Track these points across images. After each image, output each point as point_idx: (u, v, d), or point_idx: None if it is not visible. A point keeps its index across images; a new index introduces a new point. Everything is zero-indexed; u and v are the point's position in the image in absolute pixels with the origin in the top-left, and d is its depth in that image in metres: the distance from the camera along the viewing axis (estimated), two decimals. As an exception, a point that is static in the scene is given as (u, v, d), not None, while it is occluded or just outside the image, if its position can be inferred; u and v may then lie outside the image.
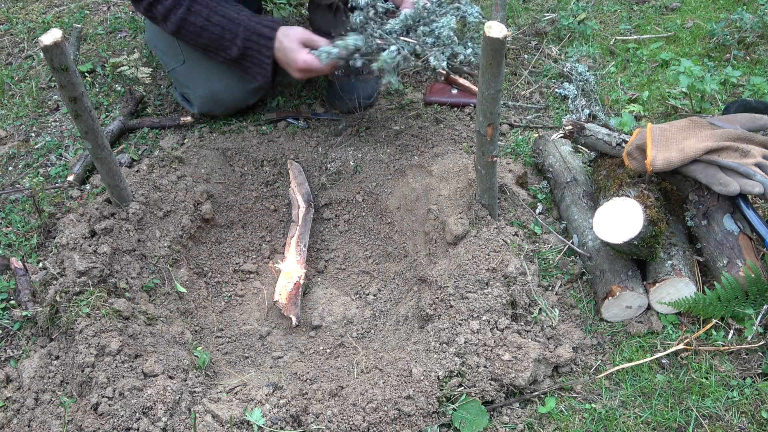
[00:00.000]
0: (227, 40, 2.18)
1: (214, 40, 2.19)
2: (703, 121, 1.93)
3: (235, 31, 2.18)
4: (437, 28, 2.10)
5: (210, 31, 2.17)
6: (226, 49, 2.20)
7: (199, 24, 2.17)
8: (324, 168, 2.46)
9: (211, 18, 2.17)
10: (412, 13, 2.13)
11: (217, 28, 2.17)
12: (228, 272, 2.26)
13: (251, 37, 2.18)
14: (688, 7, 3.12)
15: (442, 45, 2.09)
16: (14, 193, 2.35)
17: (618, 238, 1.79)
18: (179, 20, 2.16)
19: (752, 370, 1.71)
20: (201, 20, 2.16)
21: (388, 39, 2.12)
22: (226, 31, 2.18)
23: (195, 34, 2.19)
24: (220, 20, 2.17)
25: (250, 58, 2.22)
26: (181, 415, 1.59)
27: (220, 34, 2.18)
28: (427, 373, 1.67)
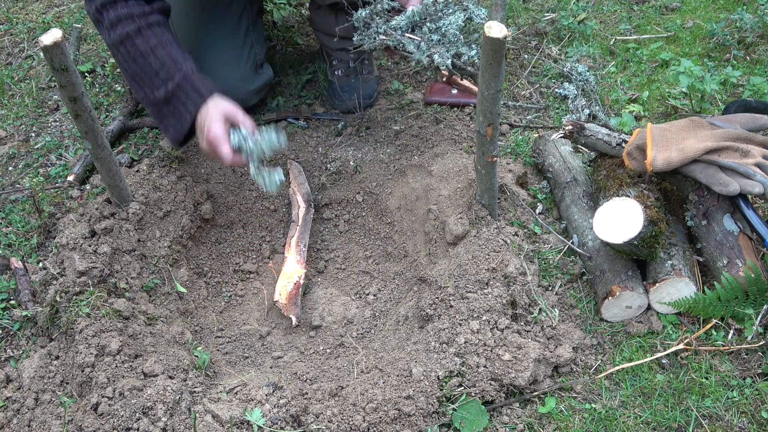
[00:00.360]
0: (160, 78, 2.00)
1: (147, 72, 2.00)
2: (703, 121, 1.93)
3: (172, 73, 1.99)
4: (444, 25, 2.08)
5: (147, 62, 1.99)
6: (154, 87, 2.01)
7: (141, 49, 1.99)
8: (324, 168, 2.46)
9: (156, 50, 2.00)
10: (420, 9, 2.11)
11: (157, 62, 2.00)
12: (228, 272, 2.26)
13: (186, 86, 2.00)
14: (688, 7, 3.12)
15: (447, 43, 2.08)
16: (14, 193, 2.35)
17: (618, 238, 1.79)
18: (125, 35, 1.98)
19: (752, 370, 1.71)
20: (145, 47, 1.99)
21: (393, 35, 2.11)
22: (164, 69, 2.00)
23: (131, 56, 2.00)
24: (163, 57, 2.00)
25: (173, 106, 2.03)
26: (181, 415, 1.59)
27: (156, 69, 2.00)
28: (427, 373, 1.67)
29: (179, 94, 2.00)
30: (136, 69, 2.01)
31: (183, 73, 2.00)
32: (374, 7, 2.14)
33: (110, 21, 1.99)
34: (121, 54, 2.02)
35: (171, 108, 2.02)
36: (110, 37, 2.01)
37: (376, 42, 2.14)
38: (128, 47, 2.00)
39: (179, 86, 2.00)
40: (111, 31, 2.00)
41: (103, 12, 2.00)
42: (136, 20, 1.99)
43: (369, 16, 2.15)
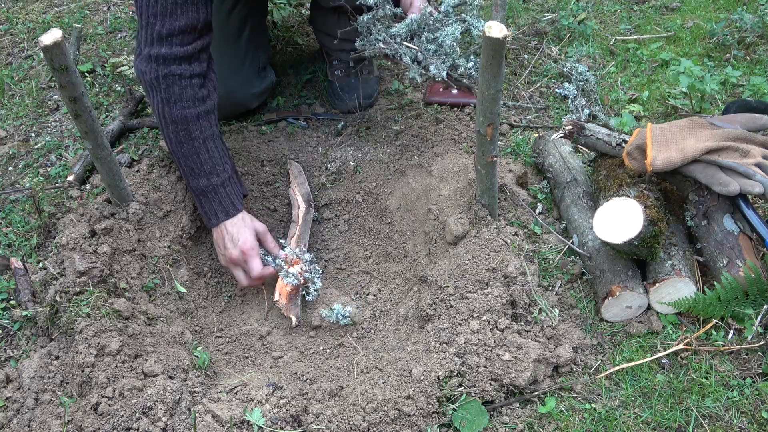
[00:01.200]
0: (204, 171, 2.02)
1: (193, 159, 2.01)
2: (703, 121, 1.93)
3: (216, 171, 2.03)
4: (441, 36, 2.09)
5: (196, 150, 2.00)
6: (195, 175, 2.02)
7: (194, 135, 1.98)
8: (324, 168, 2.46)
9: (207, 143, 2.01)
10: (419, 18, 2.11)
11: (205, 154, 2.01)
12: (228, 272, 2.26)
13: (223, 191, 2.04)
14: (688, 7, 3.12)
15: (444, 54, 2.08)
16: (14, 193, 2.35)
17: (618, 238, 1.79)
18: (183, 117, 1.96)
19: (752, 370, 1.71)
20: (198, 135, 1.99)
21: (391, 43, 2.12)
22: (210, 162, 2.02)
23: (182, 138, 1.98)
24: (212, 150, 2.02)
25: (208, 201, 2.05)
26: (181, 415, 1.59)
27: (203, 160, 2.01)
28: (427, 373, 1.67)
29: (220, 192, 2.05)
30: (184, 152, 2.01)
31: (227, 174, 2.06)
32: (376, 13, 2.14)
33: (170, 96, 1.95)
34: (173, 131, 1.99)
35: (206, 200, 2.06)
36: (166, 110, 1.96)
37: (375, 48, 2.15)
38: (180, 129, 1.98)
39: (220, 185, 2.05)
40: (169, 106, 1.95)
41: (164, 83, 1.94)
42: (197, 105, 1.98)
43: (371, 21, 2.16)
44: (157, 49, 1.92)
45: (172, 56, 1.93)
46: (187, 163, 2.03)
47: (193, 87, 1.97)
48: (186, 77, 1.96)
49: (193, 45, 1.95)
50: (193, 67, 1.97)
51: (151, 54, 1.93)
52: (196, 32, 1.95)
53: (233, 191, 2.08)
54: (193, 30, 1.94)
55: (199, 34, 1.97)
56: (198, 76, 1.99)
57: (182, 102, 1.96)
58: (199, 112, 1.99)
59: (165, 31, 1.90)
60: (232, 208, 2.06)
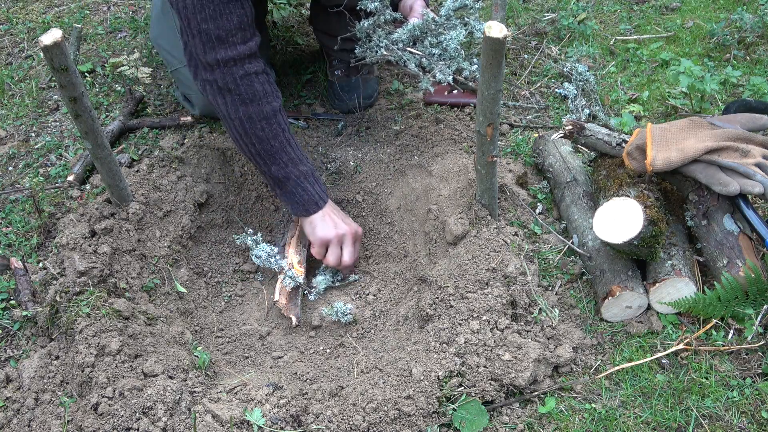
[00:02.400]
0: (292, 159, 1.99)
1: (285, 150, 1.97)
2: (703, 121, 1.93)
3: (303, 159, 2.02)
4: (445, 40, 2.09)
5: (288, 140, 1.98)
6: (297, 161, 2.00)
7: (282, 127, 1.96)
8: (324, 168, 2.46)
9: (287, 133, 2.00)
10: (420, 23, 2.10)
11: (294, 143, 2.00)
12: (228, 272, 2.26)
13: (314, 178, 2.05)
14: (688, 7, 3.12)
15: (448, 58, 2.08)
16: (14, 193, 2.35)
17: (618, 238, 1.79)
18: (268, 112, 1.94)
19: (752, 370, 1.71)
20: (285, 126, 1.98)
21: (394, 50, 2.12)
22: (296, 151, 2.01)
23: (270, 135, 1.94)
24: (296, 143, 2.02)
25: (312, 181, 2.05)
26: (181, 415, 1.59)
27: (293, 147, 1.99)
28: (427, 373, 1.67)
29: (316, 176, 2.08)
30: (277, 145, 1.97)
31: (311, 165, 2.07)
32: (377, 19, 2.14)
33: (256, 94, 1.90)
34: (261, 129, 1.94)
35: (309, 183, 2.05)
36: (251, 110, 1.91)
37: (378, 56, 2.14)
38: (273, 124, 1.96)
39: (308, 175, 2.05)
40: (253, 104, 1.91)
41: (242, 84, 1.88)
42: (277, 99, 1.97)
43: (371, 27, 2.15)
44: (222, 53, 1.86)
45: (239, 56, 1.88)
46: (282, 156, 1.99)
47: (270, 82, 1.97)
48: (261, 73, 1.93)
49: (253, 41, 1.92)
50: (260, 62, 1.95)
51: (218, 59, 1.86)
52: (250, 27, 1.91)
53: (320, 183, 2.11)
54: (248, 26, 1.90)
55: (252, 29, 1.93)
56: (265, 73, 1.97)
57: (266, 98, 1.93)
58: (280, 105, 2.00)
59: (223, 32, 1.84)
60: (326, 194, 2.12)
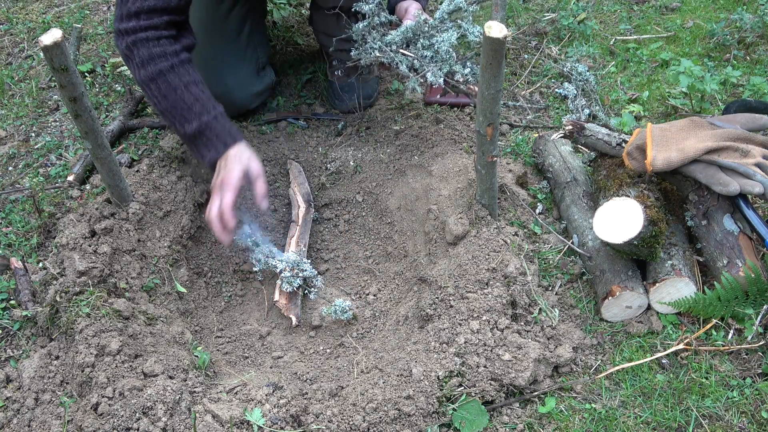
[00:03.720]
0: (194, 112, 2.02)
1: (179, 107, 2.03)
2: (703, 121, 1.93)
3: (207, 108, 2.03)
4: (437, 42, 2.09)
5: (180, 97, 2.02)
6: (185, 120, 2.03)
7: (174, 85, 2.01)
8: (324, 168, 2.46)
9: (189, 87, 2.02)
10: (413, 25, 2.11)
11: (190, 97, 2.02)
12: (228, 272, 2.26)
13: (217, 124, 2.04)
14: (688, 7, 3.12)
15: (440, 60, 2.08)
16: (14, 193, 2.35)
17: (618, 238, 1.79)
18: (157, 72, 2.00)
19: (752, 370, 1.71)
20: (178, 83, 2.02)
21: (387, 51, 2.12)
22: (198, 103, 2.03)
23: (163, 93, 2.02)
24: (197, 93, 2.04)
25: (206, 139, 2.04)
26: (181, 415, 1.59)
27: (189, 104, 2.02)
28: (427, 373, 1.67)
29: (214, 126, 2.03)
30: (167, 105, 2.03)
31: (217, 111, 2.04)
32: (371, 21, 2.14)
33: (141, 59, 2.00)
34: (152, 90, 2.03)
35: (204, 140, 2.04)
36: (141, 74, 2.02)
37: (371, 57, 2.15)
38: (160, 84, 2.01)
39: (215, 119, 2.03)
40: (142, 69, 2.01)
41: (134, 50, 2.00)
42: (169, 58, 2.01)
43: (366, 29, 2.16)
44: (126, 24, 2.00)
45: (138, 27, 2.00)
46: (175, 113, 2.03)
47: (162, 45, 2.01)
48: (153, 39, 2.00)
49: (160, 18, 2.01)
50: (161, 32, 2.01)
51: (120, 28, 2.01)
52: (165, 13, 2.00)
53: (228, 124, 2.06)
54: (162, 11, 2.00)
55: (168, 13, 2.01)
56: (167, 38, 2.02)
57: (154, 60, 2.00)
58: (173, 63, 2.01)
59: (134, 9, 1.99)
60: (230, 138, 2.04)
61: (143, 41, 2.00)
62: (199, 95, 2.03)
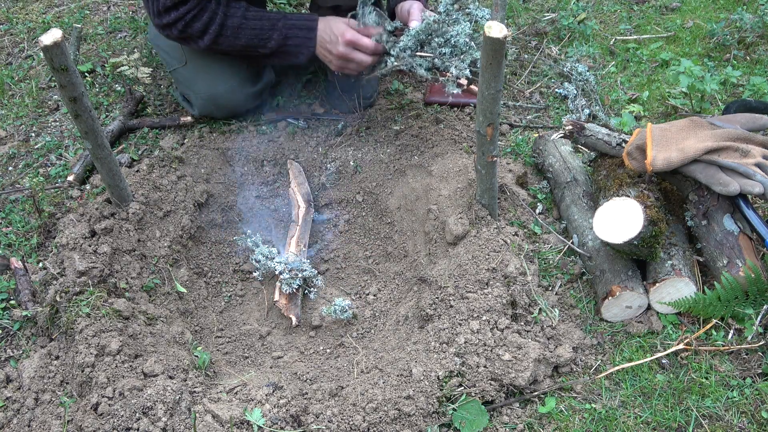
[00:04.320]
0: (266, 30, 2.19)
1: (254, 35, 2.20)
2: (703, 121, 1.93)
3: (272, 22, 2.19)
4: (453, 37, 2.09)
5: (248, 28, 2.18)
6: (266, 41, 2.21)
7: (236, 24, 2.17)
8: (324, 168, 2.46)
9: (246, 16, 2.18)
10: (423, 26, 2.11)
11: (255, 22, 2.18)
12: (228, 272, 2.26)
13: (291, 22, 2.20)
14: (688, 7, 3.12)
15: (460, 53, 2.08)
16: (14, 193, 2.35)
17: (618, 238, 1.79)
18: (218, 28, 2.17)
19: (752, 370, 1.71)
20: (237, 21, 2.17)
21: (404, 57, 2.12)
22: (264, 22, 2.18)
23: (234, 36, 2.19)
24: (256, 14, 2.19)
25: (292, 40, 2.22)
26: (181, 415, 1.59)
27: (258, 27, 2.18)
28: (427, 373, 1.67)
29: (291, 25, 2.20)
30: (244, 42, 2.20)
31: (281, 14, 2.21)
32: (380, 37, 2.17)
33: (199, 31, 2.18)
34: (224, 44, 2.21)
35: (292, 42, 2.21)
36: (206, 41, 2.19)
37: (389, 67, 2.16)
38: (226, 34, 2.18)
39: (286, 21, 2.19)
40: (202, 40, 2.20)
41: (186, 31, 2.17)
42: (216, 16, 2.16)
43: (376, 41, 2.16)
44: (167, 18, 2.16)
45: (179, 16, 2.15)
46: (254, 42, 2.20)
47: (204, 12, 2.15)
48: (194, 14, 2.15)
49: None
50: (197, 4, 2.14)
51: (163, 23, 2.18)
52: None
53: (296, 15, 2.22)
54: None
55: None
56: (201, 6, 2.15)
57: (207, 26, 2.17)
58: (221, 14, 2.15)
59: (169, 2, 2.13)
60: (309, 21, 2.20)
61: (189, 22, 2.15)
62: (258, 15, 2.20)
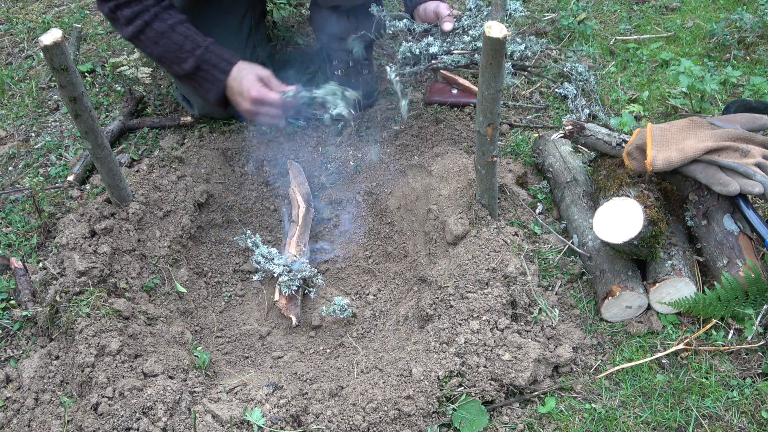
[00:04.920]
0: (185, 51, 2.12)
1: (172, 50, 2.13)
2: (703, 121, 1.93)
3: (195, 44, 2.13)
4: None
5: (170, 40, 2.12)
6: (181, 60, 2.13)
7: (161, 30, 2.10)
8: (324, 168, 2.46)
9: (175, 28, 2.12)
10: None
11: (179, 37, 2.12)
12: (228, 272, 2.26)
13: (211, 55, 2.13)
14: (688, 7, 3.12)
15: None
16: (14, 193, 2.35)
17: (618, 238, 1.79)
18: (143, 24, 2.10)
19: (752, 370, 1.71)
20: (164, 27, 2.11)
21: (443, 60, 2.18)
22: (187, 42, 2.12)
23: (153, 41, 2.12)
24: (184, 32, 2.13)
25: (204, 72, 2.15)
26: (181, 415, 1.59)
27: (179, 44, 2.12)
28: (427, 373, 1.67)
29: (207, 59, 2.13)
30: (161, 50, 2.13)
31: (206, 45, 2.13)
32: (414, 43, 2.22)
33: (125, 18, 2.10)
34: (143, 42, 2.14)
35: (203, 75, 2.15)
36: (128, 31, 2.12)
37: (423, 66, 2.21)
38: (148, 33, 2.11)
39: (205, 54, 2.13)
40: (127, 27, 2.11)
41: (117, 12, 2.10)
42: (150, 9, 2.10)
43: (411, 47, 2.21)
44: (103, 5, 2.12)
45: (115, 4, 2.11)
46: (170, 56, 2.14)
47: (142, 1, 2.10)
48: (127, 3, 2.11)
49: None
50: None
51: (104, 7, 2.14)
52: None
53: (221, 51, 2.15)
54: None
55: None
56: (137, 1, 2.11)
57: (137, 15, 2.10)
58: (155, 12, 2.10)
59: None
60: (226, 63, 2.14)
61: (121, 4, 2.09)
62: (186, 33, 2.13)
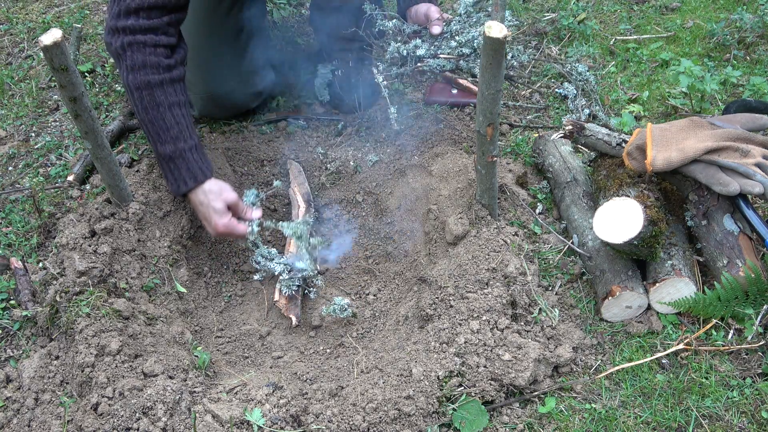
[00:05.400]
0: (170, 135, 2.02)
1: (159, 125, 2.01)
2: (703, 121, 1.93)
3: (182, 137, 2.02)
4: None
5: (162, 116, 2.01)
6: (161, 140, 2.02)
7: (158, 101, 1.99)
8: (324, 168, 2.46)
9: (173, 109, 2.02)
10: None
11: (171, 119, 2.02)
12: (228, 272, 2.26)
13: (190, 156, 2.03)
14: (688, 7, 3.12)
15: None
16: (14, 193, 2.35)
17: (618, 238, 1.79)
18: (146, 83, 1.98)
19: (752, 370, 1.71)
20: (163, 100, 2.00)
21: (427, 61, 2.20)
22: (176, 127, 2.02)
23: (147, 104, 2.00)
24: (178, 117, 2.03)
25: (175, 167, 2.04)
26: (181, 415, 1.59)
27: (168, 125, 2.01)
28: (427, 373, 1.67)
29: (187, 158, 2.03)
30: (147, 118, 2.01)
31: (194, 141, 2.04)
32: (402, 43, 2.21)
33: (134, 63, 1.97)
34: (136, 98, 2.00)
35: (174, 167, 2.04)
36: (130, 78, 1.98)
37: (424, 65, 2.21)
38: (145, 95, 1.98)
39: (189, 151, 2.03)
40: (132, 74, 1.98)
41: (128, 51, 1.96)
42: (161, 72, 1.98)
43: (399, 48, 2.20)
44: (123, 21, 1.95)
45: (137, 27, 1.95)
46: (153, 129, 2.02)
47: (158, 55, 1.98)
48: (150, 45, 1.97)
49: (160, 19, 1.97)
50: (160, 38, 1.98)
51: (118, 26, 1.96)
52: (165, 10, 1.98)
53: (201, 157, 2.06)
54: (163, 9, 1.97)
55: (168, 12, 1.99)
56: (164, 47, 1.99)
57: (146, 68, 1.97)
58: (163, 79, 1.99)
59: (134, 5, 1.94)
60: (200, 174, 2.04)
61: (140, 45, 1.96)
62: (180, 119, 2.02)
